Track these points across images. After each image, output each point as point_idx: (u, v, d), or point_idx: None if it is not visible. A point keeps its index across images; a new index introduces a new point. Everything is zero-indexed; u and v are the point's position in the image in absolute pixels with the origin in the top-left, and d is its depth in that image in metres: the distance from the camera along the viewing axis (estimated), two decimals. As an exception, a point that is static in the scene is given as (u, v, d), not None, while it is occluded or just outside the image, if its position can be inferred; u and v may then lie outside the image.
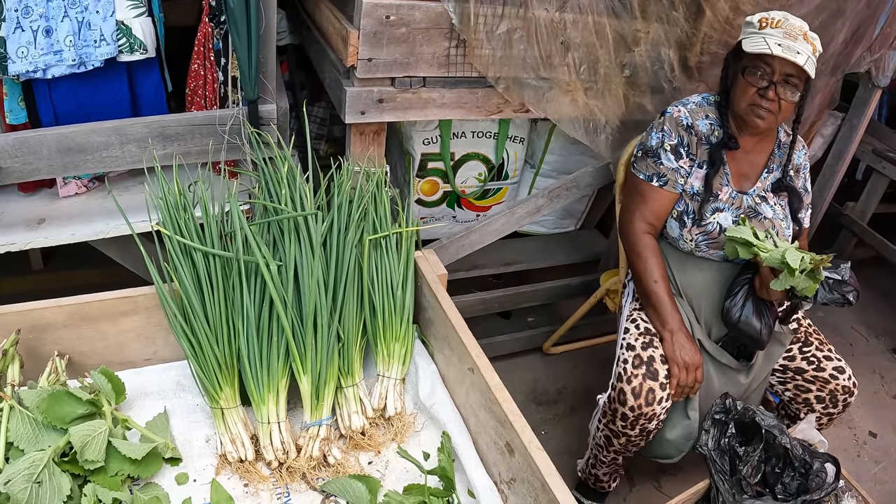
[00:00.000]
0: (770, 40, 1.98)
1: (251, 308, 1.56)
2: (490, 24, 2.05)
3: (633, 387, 2.06)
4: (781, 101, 2.05)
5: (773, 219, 2.23)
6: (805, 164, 2.38)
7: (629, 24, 2.28)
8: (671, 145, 2.19)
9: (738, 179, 2.24)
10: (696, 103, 2.25)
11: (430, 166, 2.66)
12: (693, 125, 2.19)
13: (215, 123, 1.99)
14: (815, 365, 2.32)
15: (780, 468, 1.99)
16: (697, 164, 2.21)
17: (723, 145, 2.19)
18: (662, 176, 2.20)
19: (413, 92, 2.10)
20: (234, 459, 1.50)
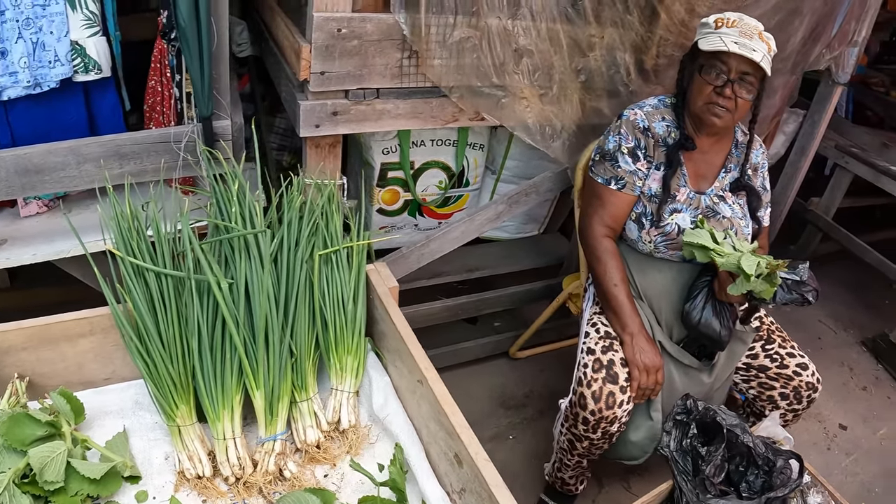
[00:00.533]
0: (726, 38, 2.03)
1: (204, 326, 1.61)
2: (442, 34, 2.09)
3: (593, 391, 2.10)
4: (738, 100, 2.10)
5: (732, 218, 2.28)
6: (763, 163, 2.44)
7: (583, 29, 2.33)
8: (628, 148, 2.24)
9: (695, 180, 2.29)
10: (653, 106, 2.30)
11: (391, 175, 2.71)
12: (649, 127, 2.24)
13: (170, 141, 2.03)
14: (777, 362, 2.37)
15: (743, 467, 2.02)
16: (655, 165, 2.25)
17: (679, 146, 2.24)
18: (620, 179, 2.25)
19: (367, 104, 2.14)
20: (192, 476, 1.54)
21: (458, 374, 3.09)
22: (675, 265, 2.32)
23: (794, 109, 3.78)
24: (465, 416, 2.78)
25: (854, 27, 3.32)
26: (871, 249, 4.05)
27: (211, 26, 1.89)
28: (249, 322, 1.63)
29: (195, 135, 2.03)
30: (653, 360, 2.15)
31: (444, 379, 2.92)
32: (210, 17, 1.88)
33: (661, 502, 2.10)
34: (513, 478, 2.68)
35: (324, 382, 1.77)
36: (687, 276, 2.30)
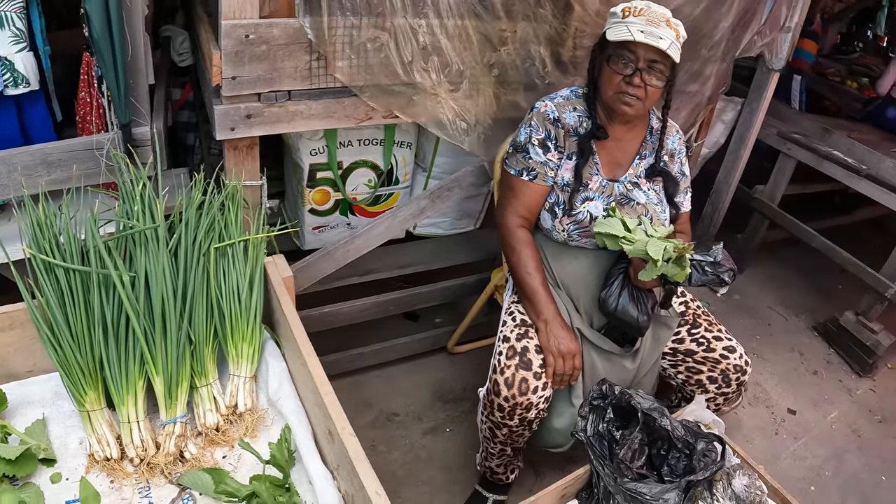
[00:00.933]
0: (632, 27, 2.08)
1: (109, 317, 1.73)
2: (348, 35, 2.18)
3: (506, 377, 2.16)
4: (648, 87, 2.15)
5: (647, 204, 2.35)
6: (680, 149, 2.49)
7: (493, 24, 2.40)
8: (538, 139, 2.30)
9: (609, 168, 2.35)
10: (564, 97, 2.37)
11: (320, 176, 2.81)
12: (560, 118, 2.30)
13: (93, 148, 2.14)
14: (704, 346, 2.43)
15: (665, 450, 2.06)
16: (567, 155, 2.31)
17: (591, 135, 2.30)
18: (532, 170, 2.31)
19: (279, 106, 2.23)
20: (101, 458, 1.66)
21: (399, 368, 3.19)
22: (590, 252, 2.38)
23: (731, 98, 3.88)
24: (406, 409, 2.92)
25: (785, 13, 3.39)
26: (817, 235, 4.15)
27: (125, 38, 2.00)
28: (150, 312, 1.75)
29: (118, 141, 2.14)
30: (568, 347, 2.20)
31: (385, 374, 3.08)
32: (123, 30, 1.98)
33: (581, 487, 2.14)
34: (449, 470, 2.78)
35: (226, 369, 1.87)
36: (604, 263, 2.36)
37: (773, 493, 2.14)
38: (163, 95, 2.58)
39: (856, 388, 3.88)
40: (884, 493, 3.20)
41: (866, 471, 3.31)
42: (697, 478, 1.95)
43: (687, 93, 3.23)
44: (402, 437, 2.87)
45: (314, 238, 2.97)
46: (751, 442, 3.29)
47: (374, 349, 3.03)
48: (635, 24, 2.09)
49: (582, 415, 2.10)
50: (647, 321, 2.30)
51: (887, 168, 3.85)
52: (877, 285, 3.84)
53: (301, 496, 1.60)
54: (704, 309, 2.60)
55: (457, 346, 3.23)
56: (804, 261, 4.97)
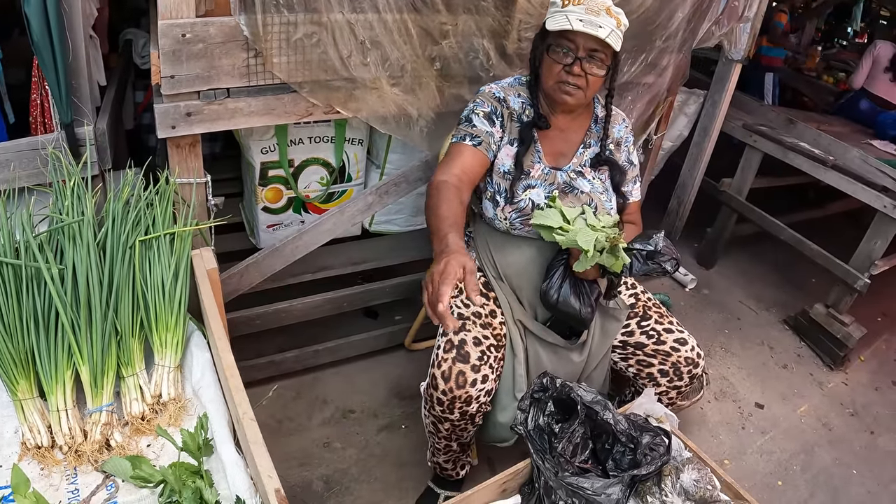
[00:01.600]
0: (572, 17, 2.10)
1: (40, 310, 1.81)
2: (285, 31, 2.24)
3: (442, 371, 2.17)
4: (588, 76, 2.19)
5: (591, 193, 2.38)
6: (627, 138, 2.52)
7: (433, 18, 2.45)
8: (484, 111, 2.31)
9: (552, 157, 2.38)
10: (509, 83, 2.41)
11: (272, 174, 2.89)
12: (505, 99, 2.34)
13: (38, 148, 2.21)
14: (654, 339, 2.45)
15: (609, 444, 2.07)
16: (508, 140, 2.34)
17: (532, 124, 2.33)
18: (475, 136, 2.28)
19: (219, 103, 2.29)
20: (33, 446, 1.73)
21: (357, 366, 3.25)
22: (534, 243, 2.38)
23: (693, 90, 3.96)
24: (362, 406, 2.99)
25: (743, 3, 3.48)
26: (786, 227, 4.22)
27: (65, 40, 2.07)
28: (78, 304, 1.83)
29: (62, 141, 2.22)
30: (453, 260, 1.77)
31: (343, 371, 3.14)
32: (64, 32, 2.06)
33: (524, 482, 2.15)
34: (404, 466, 2.83)
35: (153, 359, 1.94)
36: (547, 254, 2.37)
37: (727, 488, 2.14)
38: (112, 96, 2.64)
39: (827, 382, 3.93)
40: (855, 487, 3.24)
41: (837, 465, 3.34)
42: (641, 472, 1.97)
43: (643, 84, 3.30)
44: (358, 434, 2.92)
45: (269, 236, 3.04)
46: (716, 437, 3.33)
47: (330, 346, 3.08)
48: (575, 13, 2.11)
49: (522, 408, 2.13)
50: (590, 313, 2.32)
51: (853, 158, 3.93)
52: (846, 277, 3.91)
53: (217, 483, 1.66)
54: (656, 301, 2.62)
55: (414, 343, 3.28)
56: (774, 254, 5.05)
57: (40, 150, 2.22)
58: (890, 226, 3.72)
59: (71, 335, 1.78)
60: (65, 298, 1.81)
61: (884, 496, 3.24)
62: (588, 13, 2.11)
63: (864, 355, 4.25)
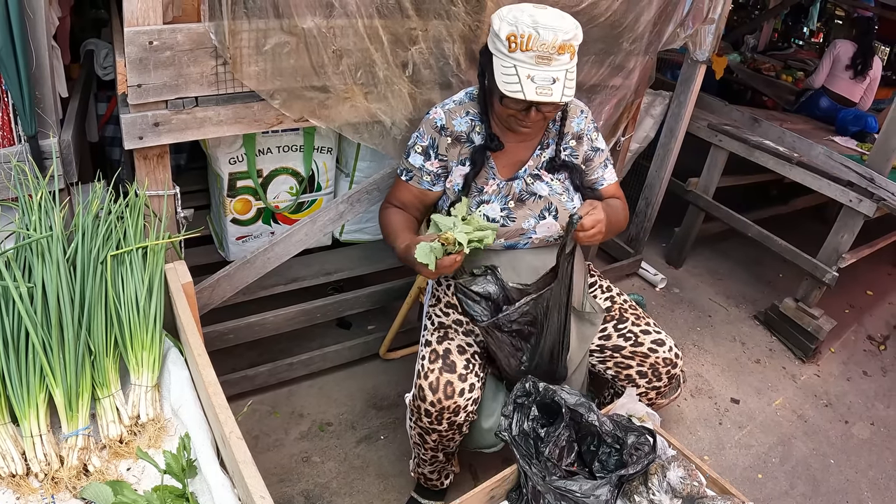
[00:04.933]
0: (522, 72, 1.96)
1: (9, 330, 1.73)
2: (255, 39, 2.18)
3: (430, 382, 2.15)
4: (546, 114, 2.12)
5: (550, 196, 2.31)
6: (589, 128, 2.42)
7: (403, 23, 2.41)
8: (422, 147, 2.31)
9: (507, 168, 2.32)
10: (457, 101, 2.33)
11: (240, 185, 2.83)
12: (447, 126, 2.28)
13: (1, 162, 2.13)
14: (632, 340, 2.43)
15: (595, 446, 2.06)
16: (459, 161, 2.29)
17: (485, 147, 2.26)
18: (409, 171, 2.34)
19: (187, 112, 2.23)
20: (7, 474, 1.64)
21: (332, 377, 3.19)
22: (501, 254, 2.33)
23: (659, 92, 3.97)
24: (339, 419, 2.93)
25: (708, 4, 3.47)
26: (753, 224, 4.25)
27: (28, 51, 1.99)
28: (48, 323, 1.75)
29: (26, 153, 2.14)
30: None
31: (318, 383, 3.09)
32: (27, 42, 1.98)
33: (512, 487, 2.12)
34: (385, 478, 2.78)
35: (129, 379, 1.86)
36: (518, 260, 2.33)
37: (713, 483, 2.13)
38: (76, 108, 2.57)
39: (800, 374, 3.97)
40: (833, 476, 3.27)
41: (814, 455, 3.38)
42: (629, 472, 1.96)
43: (611, 87, 3.29)
44: (336, 447, 2.86)
45: (238, 248, 2.98)
46: (694, 433, 3.34)
47: (304, 359, 3.03)
48: (524, 65, 1.96)
49: (505, 414, 2.10)
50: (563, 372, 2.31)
51: (818, 154, 3.96)
52: (814, 271, 3.94)
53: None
54: (632, 303, 2.61)
55: (389, 353, 3.24)
56: (743, 252, 5.11)
57: (3, 164, 2.14)
58: (856, 219, 3.76)
59: (42, 356, 1.69)
60: (35, 318, 1.72)
61: (862, 483, 3.28)
62: (540, 63, 1.95)
63: (834, 347, 4.30)
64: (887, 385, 4.09)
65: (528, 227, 2.29)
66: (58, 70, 2.38)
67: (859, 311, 4.83)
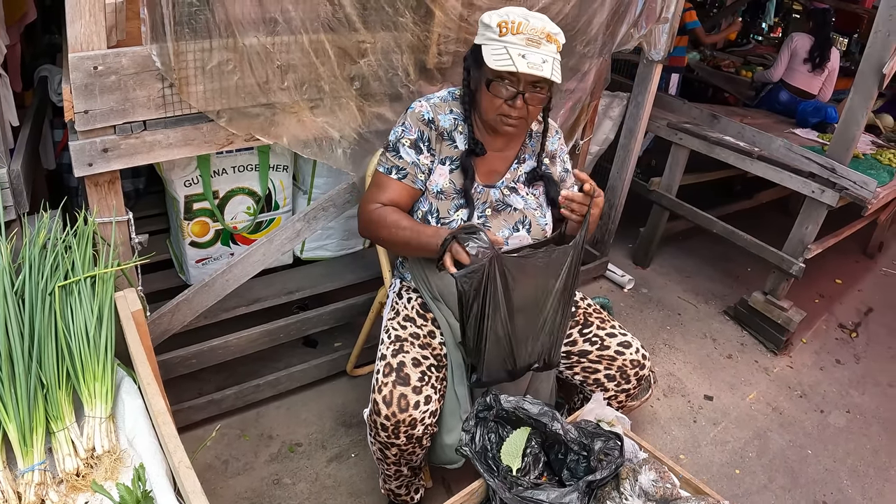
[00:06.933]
0: (513, 52, 2.03)
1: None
2: (199, 60, 2.18)
3: (383, 395, 2.13)
4: (530, 107, 2.16)
5: (525, 209, 2.36)
6: (561, 149, 2.51)
7: (350, 37, 2.42)
8: (410, 140, 2.28)
9: (485, 175, 2.35)
10: (441, 98, 2.36)
11: (197, 207, 2.82)
12: (434, 119, 2.29)
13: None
14: (598, 344, 2.44)
15: (563, 454, 2.06)
16: (440, 160, 2.30)
17: (470, 153, 2.29)
18: (401, 169, 2.28)
19: (136, 137, 2.22)
20: (-37, 512, 1.65)
21: (300, 397, 3.17)
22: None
23: (616, 93, 4.01)
24: (309, 438, 2.92)
25: (661, 4, 3.51)
26: (717, 221, 4.30)
27: (-25, 79, 2.00)
28: (-2, 357, 1.74)
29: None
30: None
31: (286, 403, 3.07)
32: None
33: (481, 500, 2.10)
34: (357, 496, 2.76)
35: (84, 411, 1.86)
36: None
37: (686, 484, 2.13)
38: (28, 136, 2.55)
39: (772, 367, 4.01)
40: (811, 467, 3.30)
41: (791, 447, 3.40)
42: (596, 477, 1.96)
43: (566, 91, 3.32)
44: (307, 468, 2.84)
45: (198, 271, 2.97)
46: (669, 433, 3.35)
47: (270, 380, 3.00)
48: (515, 46, 2.05)
49: (466, 429, 2.07)
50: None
51: (778, 148, 4.01)
52: (781, 263, 3.98)
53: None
54: (596, 307, 2.62)
55: (356, 369, 3.23)
56: (710, 248, 5.16)
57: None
58: (819, 210, 3.81)
59: (-7, 391, 1.69)
60: (-17, 353, 1.72)
61: (841, 471, 3.31)
62: (529, 44, 2.05)
63: (805, 337, 4.35)
64: (860, 372, 4.14)
65: (502, 238, 2.28)
66: (7, 98, 2.37)
67: (829, 299, 4.89)
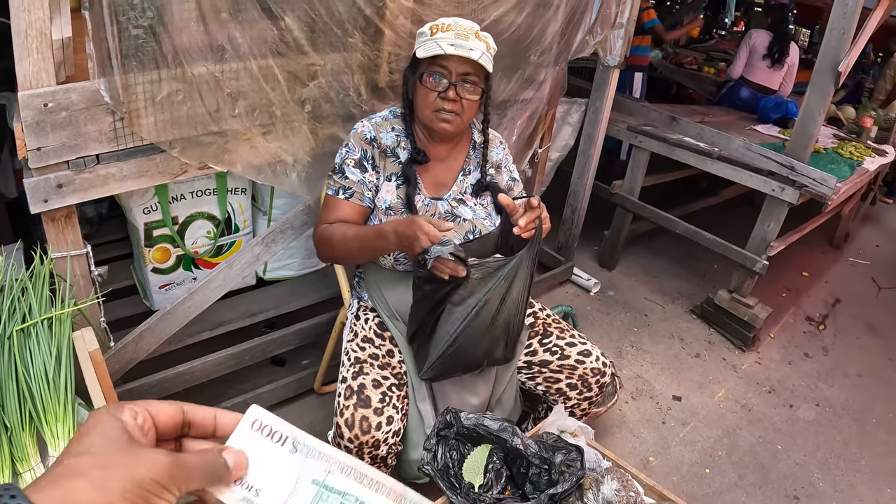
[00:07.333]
0: (442, 42, 2.14)
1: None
2: (148, 91, 2.21)
3: (345, 419, 2.16)
4: (464, 101, 2.22)
5: (473, 219, 2.40)
6: (506, 159, 2.57)
7: (299, 60, 2.46)
8: (354, 160, 2.33)
9: (432, 188, 2.40)
10: (383, 117, 2.41)
11: (157, 234, 2.85)
12: (376, 138, 2.34)
13: None
14: (558, 354, 2.49)
15: (525, 468, 2.07)
16: (385, 177, 2.34)
17: (413, 161, 2.34)
18: (348, 189, 2.32)
19: (90, 171, 2.24)
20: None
21: (270, 417, 3.18)
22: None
23: (574, 99, 4.06)
24: (278, 458, 2.91)
25: (615, 9, 3.58)
26: (680, 221, 4.36)
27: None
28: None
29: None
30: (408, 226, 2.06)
31: (254, 425, 3.06)
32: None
33: None
34: (326, 517, 2.79)
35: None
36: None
37: (651, 491, 2.17)
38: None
39: (741, 364, 4.07)
40: (782, 462, 3.35)
41: (761, 443, 3.46)
42: (557, 491, 1.98)
43: (522, 100, 3.36)
44: (279, 487, 2.85)
45: (162, 297, 3.00)
46: (637, 436, 3.39)
47: (238, 402, 3.02)
48: (444, 38, 2.16)
49: (428, 447, 2.08)
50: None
51: (737, 147, 4.08)
52: (744, 261, 4.06)
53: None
54: (555, 317, 2.66)
55: (324, 387, 3.25)
56: (676, 247, 5.23)
57: None
58: (780, 207, 3.89)
59: (-46, 437, 1.73)
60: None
61: (812, 465, 3.36)
62: (458, 38, 2.16)
63: (773, 332, 4.43)
64: (829, 364, 4.21)
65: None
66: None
67: (796, 293, 4.96)
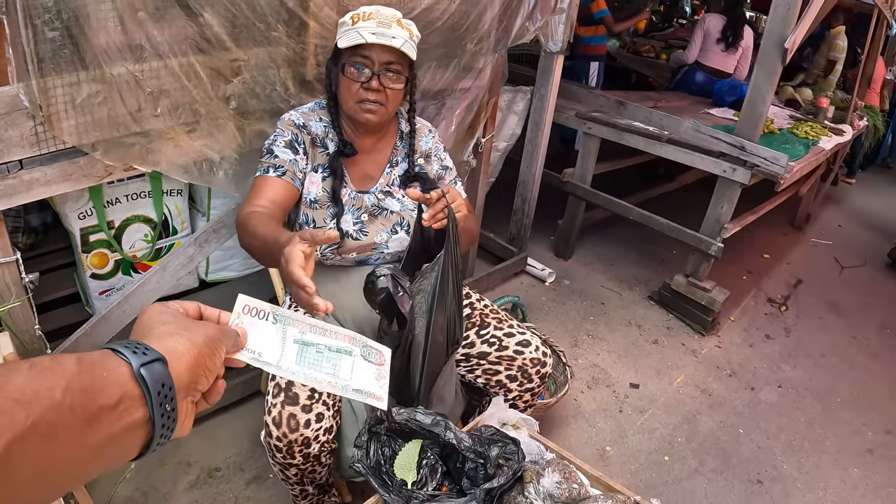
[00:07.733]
0: (363, 31, 2.09)
1: None
2: (67, 94, 2.19)
3: (273, 417, 2.11)
4: (387, 90, 2.17)
5: (402, 211, 2.37)
6: (437, 147, 2.53)
7: (222, 56, 2.43)
8: (285, 141, 2.25)
9: (359, 181, 2.35)
10: (309, 108, 2.37)
11: (93, 239, 2.85)
12: (306, 125, 2.30)
13: None
14: (496, 345, 2.46)
15: (461, 463, 2.02)
16: (312, 167, 2.29)
17: (339, 154, 2.29)
18: (279, 167, 2.20)
19: (14, 177, 2.22)
20: None
21: (217, 420, 3.18)
22: (351, 271, 2.38)
23: (519, 87, 4.07)
24: (227, 462, 2.97)
25: (555, -5, 3.58)
26: (634, 207, 4.38)
27: None
28: None
29: None
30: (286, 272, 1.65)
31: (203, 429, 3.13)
32: None
33: None
34: (277, 518, 2.77)
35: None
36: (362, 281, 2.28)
37: (597, 482, 2.14)
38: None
39: (700, 349, 4.08)
40: (744, 446, 3.36)
41: (722, 428, 3.47)
42: (493, 485, 1.95)
43: (460, 90, 3.36)
44: (227, 492, 2.86)
45: (103, 303, 2.99)
46: (594, 425, 3.39)
47: (182, 404, 3.02)
48: (366, 27, 2.11)
49: (359, 444, 2.05)
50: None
51: (686, 130, 4.09)
52: (700, 245, 4.08)
53: None
54: (494, 307, 2.64)
55: (270, 388, 3.26)
56: (633, 234, 5.23)
57: None
58: (733, 188, 3.91)
59: None
60: None
61: (775, 447, 3.38)
62: (380, 26, 2.12)
63: (734, 315, 4.45)
64: (791, 345, 4.23)
65: (381, 242, 2.34)
66: None
67: (757, 275, 4.99)
